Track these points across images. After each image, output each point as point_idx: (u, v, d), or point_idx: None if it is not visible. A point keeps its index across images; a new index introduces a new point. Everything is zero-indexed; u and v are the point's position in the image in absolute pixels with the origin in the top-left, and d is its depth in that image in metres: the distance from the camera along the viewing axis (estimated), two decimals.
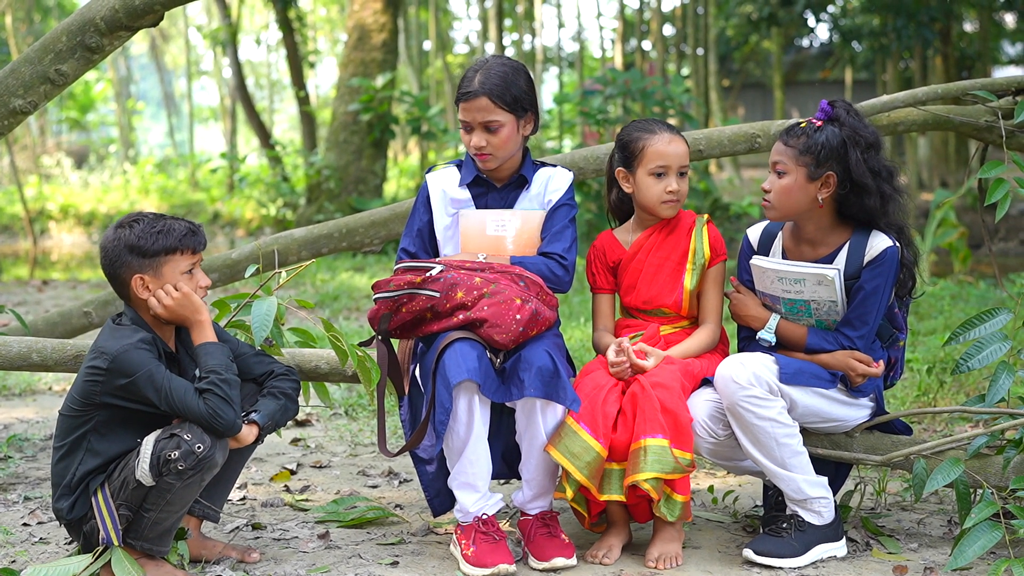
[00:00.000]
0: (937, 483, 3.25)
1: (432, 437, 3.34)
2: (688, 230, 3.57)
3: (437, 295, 3.26)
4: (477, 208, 3.54)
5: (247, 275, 3.80)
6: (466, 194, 3.55)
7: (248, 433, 3.14)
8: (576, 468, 3.20)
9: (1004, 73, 23.70)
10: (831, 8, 21.12)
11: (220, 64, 27.18)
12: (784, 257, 3.49)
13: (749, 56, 28.29)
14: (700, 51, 22.59)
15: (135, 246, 3.10)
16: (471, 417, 3.26)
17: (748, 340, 3.54)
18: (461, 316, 3.27)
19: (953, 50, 18.77)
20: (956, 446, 3.43)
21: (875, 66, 22.13)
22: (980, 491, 3.31)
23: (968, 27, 20.98)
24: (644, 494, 3.23)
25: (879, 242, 3.34)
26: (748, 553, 3.27)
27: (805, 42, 28.75)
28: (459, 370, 3.17)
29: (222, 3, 19.22)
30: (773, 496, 3.47)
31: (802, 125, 3.38)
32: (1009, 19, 22.11)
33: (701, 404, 3.33)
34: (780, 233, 3.54)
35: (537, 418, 3.30)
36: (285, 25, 16.84)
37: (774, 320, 3.43)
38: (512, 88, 3.43)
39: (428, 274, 3.27)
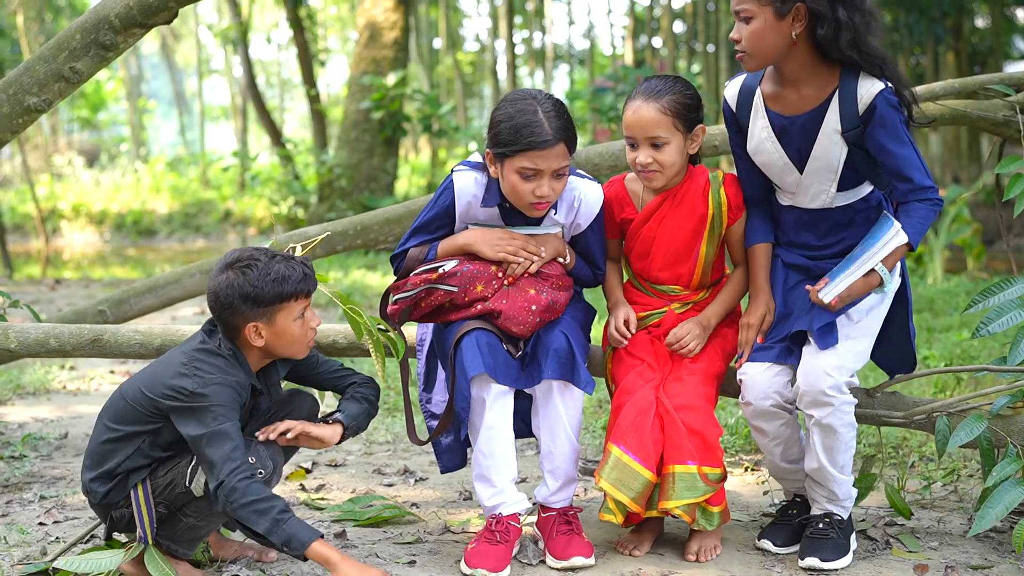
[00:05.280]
0: (960, 439, 3.24)
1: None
2: (704, 192, 3.44)
3: (455, 290, 3.26)
4: (505, 223, 3.40)
5: None
6: (493, 211, 3.37)
7: (333, 434, 3.14)
8: (629, 498, 3.20)
9: (1016, 68, 23.61)
10: None
11: (231, 63, 27.19)
12: (768, 110, 3.29)
13: None
14: (711, 48, 22.53)
15: (249, 296, 2.99)
16: (483, 408, 3.25)
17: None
18: (479, 307, 3.29)
19: (965, 46, 18.70)
20: (979, 404, 3.41)
21: None
22: (1003, 449, 3.29)
23: (980, 22, 20.90)
24: None
25: (869, 88, 3.16)
26: (814, 562, 3.20)
27: None
28: (476, 363, 3.19)
29: (233, 2, 19.23)
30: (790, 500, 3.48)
31: None
32: (1021, 14, 22.02)
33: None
34: (759, 87, 3.34)
35: (555, 399, 3.29)
36: (295, 23, 16.84)
37: (883, 271, 3.19)
38: None
39: (443, 269, 3.26)
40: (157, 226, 20.85)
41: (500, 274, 3.31)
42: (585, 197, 3.39)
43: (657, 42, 24.82)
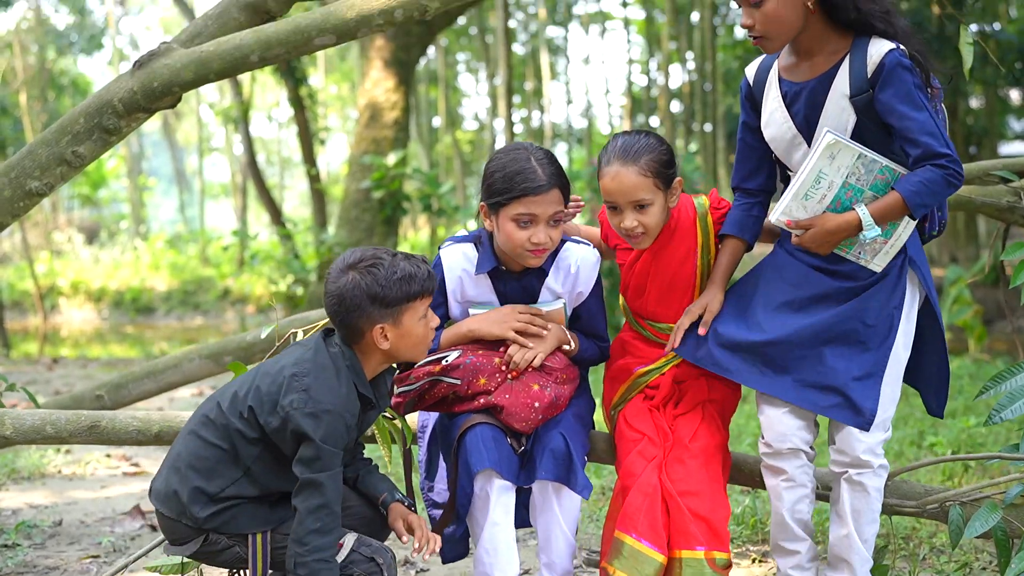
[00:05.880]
0: (975, 530, 3.18)
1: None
2: (693, 221, 3.40)
3: (458, 382, 3.22)
4: (499, 300, 3.39)
5: (262, 335, 3.75)
6: (485, 283, 3.36)
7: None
8: None
9: (1011, 147, 23.79)
10: None
11: (231, 141, 27.45)
12: (781, 80, 3.21)
13: None
14: (708, 127, 22.75)
15: (378, 296, 2.85)
16: (487, 504, 3.19)
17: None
18: (482, 400, 3.24)
19: (960, 126, 18.84)
20: (992, 493, 3.34)
21: None
22: (1019, 540, 3.22)
23: (974, 103, 21.10)
24: None
25: (879, 48, 3.05)
26: None
27: None
28: (480, 458, 3.14)
29: (234, 80, 19.42)
30: None
31: None
32: (1014, 95, 22.24)
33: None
34: (775, 63, 3.26)
35: (552, 501, 3.23)
36: (296, 102, 16.98)
37: (863, 212, 3.06)
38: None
39: (446, 361, 3.23)
40: (156, 303, 20.87)
41: (504, 367, 3.27)
42: (582, 261, 3.38)
43: (655, 121, 25.07)
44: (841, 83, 3.11)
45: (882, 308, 3.17)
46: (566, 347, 3.36)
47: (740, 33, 23.95)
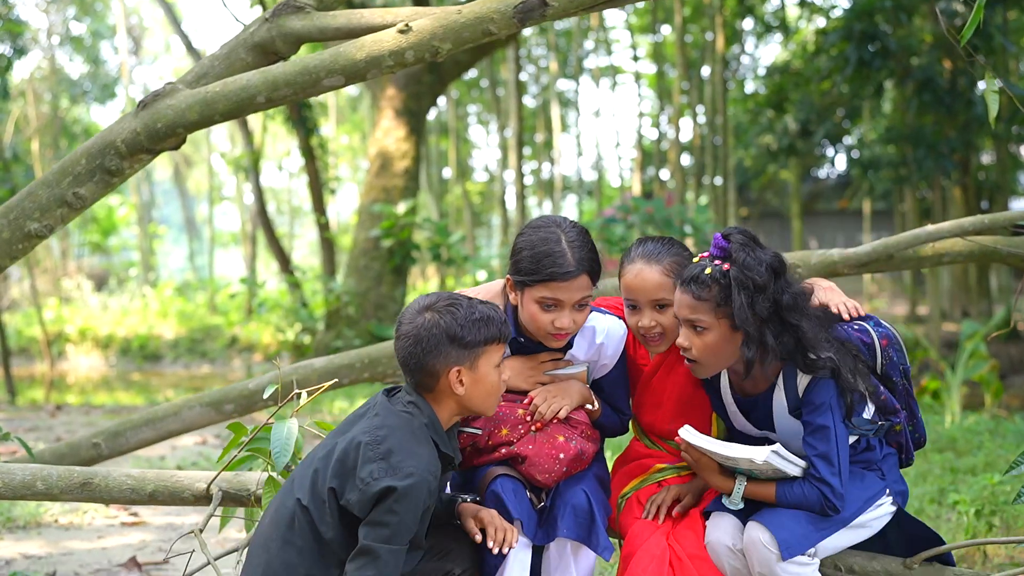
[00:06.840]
0: None
1: None
2: None
3: (479, 432, 3.12)
4: None
5: (265, 395, 3.63)
6: (506, 352, 3.22)
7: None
8: None
9: (1022, 204, 23.72)
10: (848, 139, 21.28)
11: (242, 189, 27.48)
12: (731, 388, 3.21)
13: (767, 185, 28.46)
14: (718, 180, 22.71)
15: (458, 336, 2.76)
16: (505, 560, 3.05)
17: None
18: (504, 451, 3.13)
19: (972, 181, 18.77)
20: None
21: (893, 196, 22.16)
22: None
23: (986, 159, 21.05)
24: None
25: (805, 377, 3.06)
26: None
27: (822, 172, 28.97)
28: (513, 508, 3.02)
29: (245, 130, 19.46)
30: None
31: (707, 272, 3.01)
32: None
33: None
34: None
35: (569, 560, 3.11)
36: (307, 152, 16.97)
37: (740, 489, 3.08)
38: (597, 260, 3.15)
39: None
40: (163, 351, 20.77)
41: (528, 418, 3.16)
42: (609, 335, 3.27)
43: (664, 174, 25.07)
44: (780, 400, 3.12)
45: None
46: (589, 406, 3.25)
47: (750, 87, 24.04)
